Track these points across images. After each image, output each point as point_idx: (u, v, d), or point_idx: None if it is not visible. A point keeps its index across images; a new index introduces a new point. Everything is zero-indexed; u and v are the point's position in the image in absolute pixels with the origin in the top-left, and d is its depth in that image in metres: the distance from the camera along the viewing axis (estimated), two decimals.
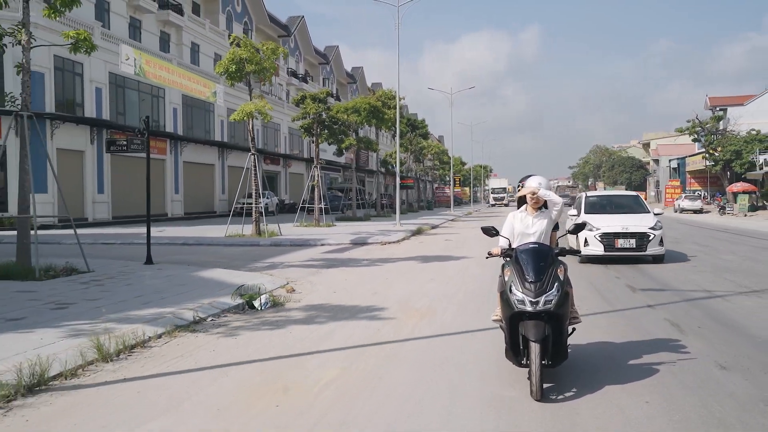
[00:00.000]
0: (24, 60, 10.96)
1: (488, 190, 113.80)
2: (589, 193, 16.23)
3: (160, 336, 6.77)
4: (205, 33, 40.75)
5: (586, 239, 13.07)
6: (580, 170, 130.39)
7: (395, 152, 48.74)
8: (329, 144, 32.34)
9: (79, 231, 13.26)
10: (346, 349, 6.29)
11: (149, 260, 12.85)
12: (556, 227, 5.62)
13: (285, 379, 5.29)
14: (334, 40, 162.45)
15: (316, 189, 27.44)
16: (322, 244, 18.96)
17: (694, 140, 56.18)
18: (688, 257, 14.94)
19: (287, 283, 10.50)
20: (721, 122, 64.73)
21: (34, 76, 24.13)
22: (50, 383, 5.10)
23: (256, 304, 8.66)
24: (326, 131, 28.35)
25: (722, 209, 45.50)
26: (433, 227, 28.97)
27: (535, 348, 4.60)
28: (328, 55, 68.09)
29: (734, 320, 7.61)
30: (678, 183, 66.74)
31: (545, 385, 4.77)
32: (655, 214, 14.02)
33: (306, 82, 58.42)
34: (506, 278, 4.98)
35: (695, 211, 48.36)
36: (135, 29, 33.93)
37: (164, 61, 25.75)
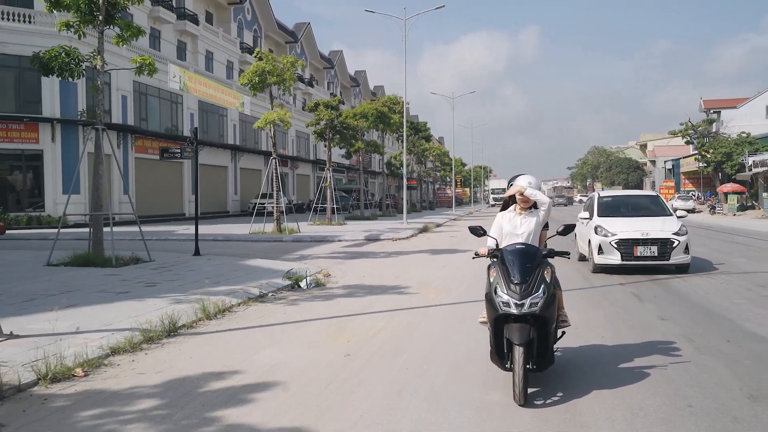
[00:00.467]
0: (99, 81, 12.95)
1: (488, 190, 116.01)
2: (603, 193, 14.29)
3: (239, 305, 8.76)
4: (218, 41, 42.76)
5: (600, 246, 11.58)
6: (579, 171, 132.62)
7: (399, 154, 50.84)
8: (340, 148, 34.35)
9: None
10: (385, 312, 8.30)
11: (197, 252, 14.85)
12: (546, 227, 5.56)
13: (347, 328, 7.29)
14: (334, 40, 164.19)
15: (328, 190, 29.44)
16: (339, 240, 20.95)
17: (687, 142, 58.17)
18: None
19: (321, 270, 12.48)
20: (714, 124, 66.83)
21: (69, 86, 26.23)
22: (179, 331, 7.08)
23: (303, 284, 10.65)
24: (338, 136, 30.37)
25: (712, 209, 47.57)
26: (438, 225, 30.99)
27: (518, 351, 4.55)
28: (333, 60, 70.11)
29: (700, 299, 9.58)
30: (672, 184, 68.73)
31: (530, 390, 4.75)
32: (678, 217, 12.28)
33: (312, 86, 60.40)
34: (492, 279, 4.96)
35: (688, 211, 50.28)
36: (155, 39, 35.94)
37: (202, 77, 28.04)
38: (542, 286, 4.73)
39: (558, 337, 5.22)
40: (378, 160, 70.08)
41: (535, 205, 5.27)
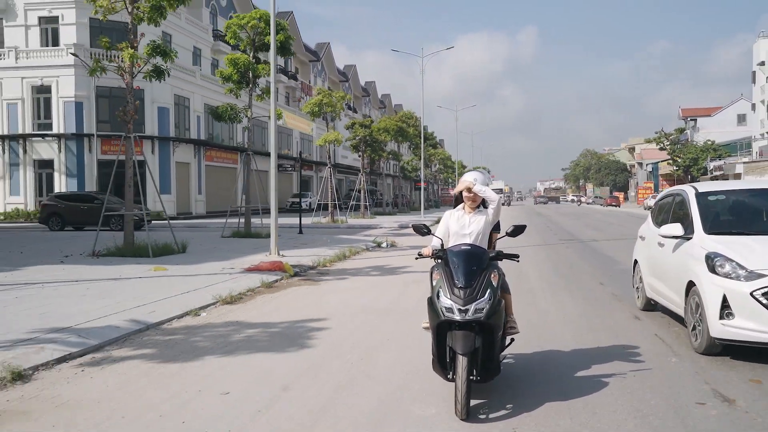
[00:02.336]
0: (249, 123, 20.94)
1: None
2: (705, 187, 7.22)
3: (359, 252, 16.75)
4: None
5: (725, 300, 5.57)
6: (572, 172, 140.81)
7: (411, 160, 59.00)
8: (371, 158, 42.39)
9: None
10: None
11: (300, 231, 22.83)
12: (496, 228, 5.15)
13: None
14: (334, 40, 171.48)
15: (362, 191, 37.48)
16: (381, 227, 28.92)
17: (660, 149, 66.27)
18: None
19: (386, 240, 20.44)
20: (688, 131, 75.06)
21: (164, 112, 34.33)
22: (328, 266, 15.01)
23: (383, 245, 18.67)
24: (369, 148, 38.43)
25: None
26: None
27: (462, 362, 4.18)
28: (347, 73, 78.13)
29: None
30: (651, 185, 76.90)
31: (475, 402, 4.44)
32: None
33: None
34: (434, 282, 4.58)
35: None
36: (196, 56, 43.87)
37: (290, 112, 36.22)
38: (488, 290, 4.36)
39: (506, 344, 4.93)
40: (388, 164, 78.23)
41: (484, 204, 4.91)
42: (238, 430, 4.09)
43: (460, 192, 4.91)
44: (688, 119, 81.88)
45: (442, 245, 4.90)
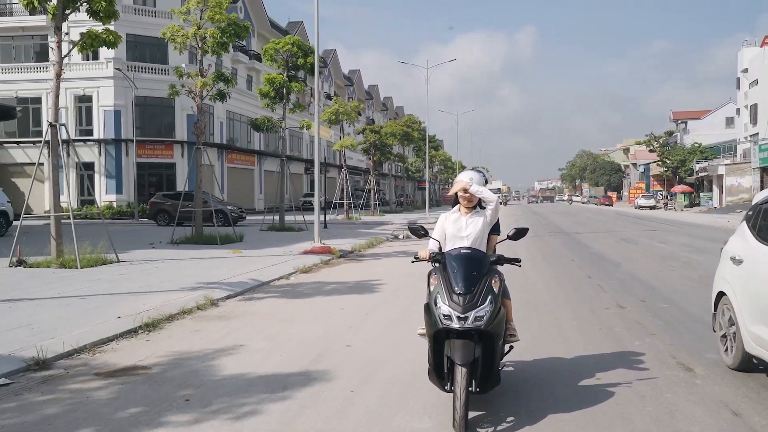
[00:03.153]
0: (282, 132, 24.41)
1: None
2: None
3: (382, 242, 20.21)
4: (263, 68, 54.24)
5: None
6: (568, 172, 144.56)
7: (415, 161, 62.50)
8: (380, 161, 45.89)
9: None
10: None
11: (326, 226, 26.31)
12: (495, 230, 4.96)
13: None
14: (333, 40, 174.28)
15: (372, 191, 40.98)
16: (392, 224, 32.33)
17: (650, 151, 69.81)
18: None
19: (402, 233, 23.89)
20: (678, 133, 78.55)
21: (193, 118, 37.74)
22: (362, 251, 18.49)
23: (400, 237, 22.16)
24: (378, 152, 41.94)
25: (665, 205, 59.30)
26: None
27: (461, 372, 3.98)
28: (352, 78, 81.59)
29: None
30: (643, 185, 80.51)
31: (474, 414, 4.30)
32: None
33: (329, 98, 71.99)
34: (432, 288, 4.37)
35: (650, 207, 61.99)
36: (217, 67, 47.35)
37: (311, 122, 39.62)
38: (489, 297, 4.15)
39: (505, 352, 4.71)
40: (390, 165, 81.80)
41: (481, 204, 4.68)
42: (358, 324, 7.54)
43: (456, 193, 4.71)
44: (679, 122, 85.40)
45: (440, 248, 4.68)
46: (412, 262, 4.90)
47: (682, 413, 4.42)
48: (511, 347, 4.87)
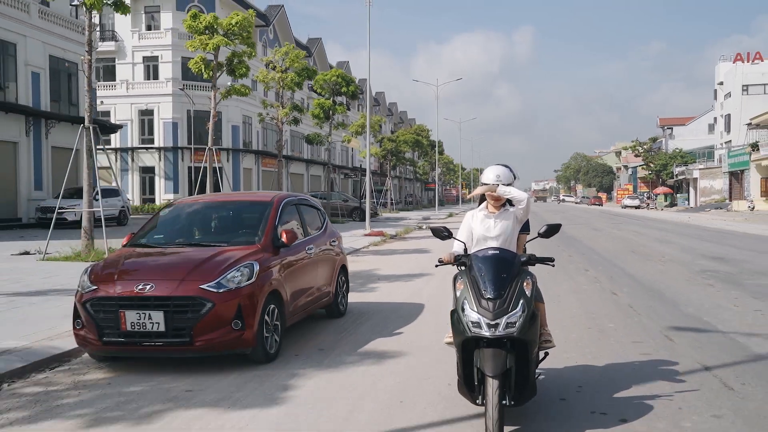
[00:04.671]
0: (328, 145, 30.89)
1: None
2: None
3: (413, 230, 26.66)
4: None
5: None
6: (563, 174, 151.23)
7: (423, 165, 69.05)
8: (394, 166, 52.40)
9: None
10: None
11: (362, 219, 32.73)
12: (525, 229, 4.63)
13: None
14: (329, 39, 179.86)
15: (389, 191, 47.45)
16: (410, 218, 38.81)
17: (636, 155, 76.37)
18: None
19: (425, 224, 30.28)
20: (663, 139, 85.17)
21: (237, 129, 44.24)
22: (403, 235, 24.94)
23: (423, 227, 28.65)
24: (394, 158, 48.43)
25: (647, 205, 65.91)
26: (457, 213, 49.06)
27: (492, 385, 3.69)
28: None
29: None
30: (630, 186, 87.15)
31: (509, 429, 4.00)
32: None
33: (349, 109, 78.54)
34: (458, 293, 4.05)
35: (635, 207, 68.52)
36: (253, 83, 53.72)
37: (347, 135, 45.66)
38: (521, 301, 3.83)
39: (540, 359, 4.50)
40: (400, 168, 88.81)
41: (509, 201, 4.38)
42: (431, 263, 13.98)
43: (481, 193, 4.38)
44: (665, 128, 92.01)
45: (465, 250, 4.34)
46: (436, 266, 4.61)
47: None
48: (546, 354, 4.64)
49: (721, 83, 67.74)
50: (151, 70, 43.96)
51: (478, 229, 4.40)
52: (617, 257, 14.98)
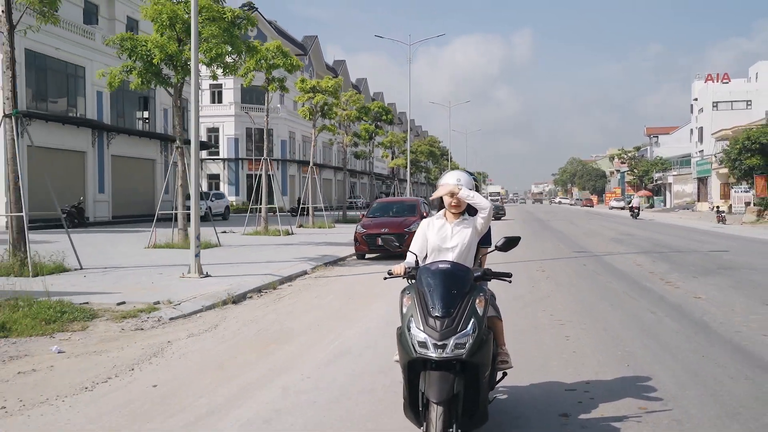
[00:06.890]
0: (369, 159, 40.38)
1: (485, 195, 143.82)
2: None
3: None
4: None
5: None
6: (560, 177, 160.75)
7: (435, 170, 78.55)
8: (412, 173, 61.83)
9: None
10: None
11: None
12: (486, 242, 4.37)
13: None
14: (330, 42, 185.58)
15: (409, 193, 56.82)
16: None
17: (622, 162, 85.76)
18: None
19: None
20: (648, 147, 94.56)
21: (285, 143, 53.79)
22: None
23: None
24: (414, 167, 57.94)
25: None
26: None
27: (437, 411, 3.38)
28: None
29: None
30: (619, 190, 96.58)
31: None
32: None
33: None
34: (405, 309, 3.67)
35: (620, 208, 77.82)
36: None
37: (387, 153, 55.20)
38: (472, 320, 3.49)
39: (496, 381, 4.25)
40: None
41: (470, 210, 4.06)
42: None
43: (441, 197, 4.02)
44: (652, 136, 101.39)
45: (417, 262, 3.96)
46: (385, 278, 4.10)
47: None
48: (504, 374, 4.36)
49: (696, 99, 77.07)
50: (216, 94, 53.50)
51: (434, 239, 3.99)
52: (575, 236, 24.46)
